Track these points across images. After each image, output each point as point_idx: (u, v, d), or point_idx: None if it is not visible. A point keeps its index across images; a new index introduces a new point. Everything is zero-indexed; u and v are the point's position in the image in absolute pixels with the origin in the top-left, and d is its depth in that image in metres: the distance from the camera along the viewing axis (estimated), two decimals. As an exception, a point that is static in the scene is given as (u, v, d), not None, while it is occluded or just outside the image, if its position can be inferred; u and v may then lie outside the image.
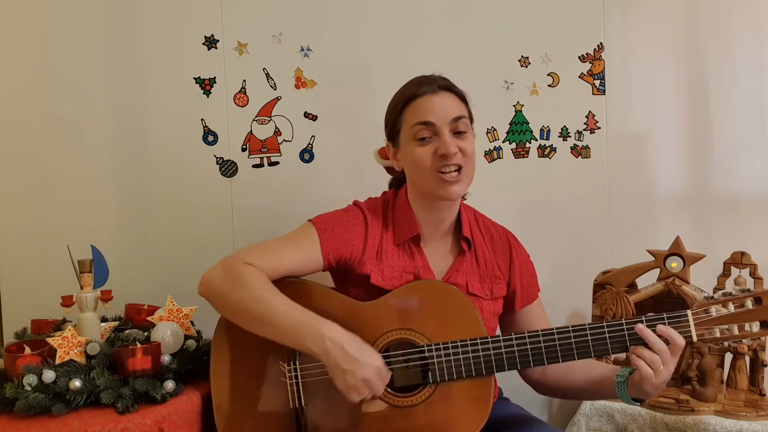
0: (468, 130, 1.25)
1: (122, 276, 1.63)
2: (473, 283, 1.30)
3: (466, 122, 1.25)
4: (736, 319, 1.15)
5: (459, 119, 1.23)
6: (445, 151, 1.20)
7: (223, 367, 1.21)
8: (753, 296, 1.15)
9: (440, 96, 1.24)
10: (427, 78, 1.27)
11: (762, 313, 1.14)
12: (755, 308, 1.14)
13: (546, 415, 1.88)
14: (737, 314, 1.15)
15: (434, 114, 1.22)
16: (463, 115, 1.24)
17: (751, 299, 1.15)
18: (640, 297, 1.64)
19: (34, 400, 1.09)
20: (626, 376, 1.18)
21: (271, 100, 1.78)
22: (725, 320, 1.15)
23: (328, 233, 1.25)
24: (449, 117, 1.22)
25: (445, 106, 1.23)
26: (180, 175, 1.76)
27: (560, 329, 1.18)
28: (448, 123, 1.22)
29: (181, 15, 1.74)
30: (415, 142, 1.23)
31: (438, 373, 1.17)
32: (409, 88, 1.27)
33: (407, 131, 1.25)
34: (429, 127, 1.22)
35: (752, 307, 1.15)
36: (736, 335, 1.15)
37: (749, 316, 1.15)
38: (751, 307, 1.15)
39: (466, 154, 1.22)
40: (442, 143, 1.20)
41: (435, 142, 1.22)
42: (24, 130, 1.72)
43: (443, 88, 1.25)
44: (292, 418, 1.18)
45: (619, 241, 1.87)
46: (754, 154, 1.85)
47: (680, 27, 1.86)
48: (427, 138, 1.22)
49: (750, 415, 1.45)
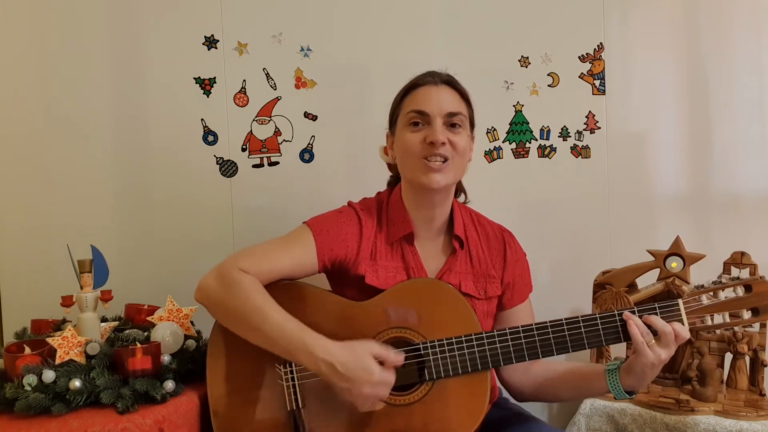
0: (463, 127, 1.25)
1: (122, 276, 1.63)
2: (467, 282, 1.30)
3: (462, 119, 1.25)
4: (727, 306, 1.17)
5: (454, 115, 1.23)
6: (432, 138, 1.20)
7: (219, 370, 1.21)
8: (743, 284, 1.17)
9: (440, 89, 1.25)
10: (434, 72, 1.29)
11: (752, 301, 1.16)
12: (746, 296, 1.16)
13: (546, 415, 1.88)
14: (728, 302, 1.16)
15: (430, 104, 1.23)
16: (460, 112, 1.25)
17: (742, 287, 1.16)
18: (640, 297, 1.64)
19: (34, 400, 1.09)
20: (618, 365, 1.19)
21: (271, 100, 1.78)
22: (716, 308, 1.16)
23: (323, 235, 1.25)
24: (445, 110, 1.23)
25: (442, 99, 1.24)
26: (180, 175, 1.76)
27: (553, 322, 1.18)
28: (442, 115, 1.23)
29: (181, 15, 1.74)
30: (408, 128, 1.25)
31: (434, 370, 1.18)
32: (415, 78, 1.29)
33: (403, 117, 1.26)
34: (423, 116, 1.23)
35: (743, 294, 1.16)
36: (727, 323, 1.16)
37: (740, 303, 1.16)
38: (741, 295, 1.16)
39: (455, 147, 1.23)
40: (432, 131, 1.21)
41: (426, 130, 1.23)
42: (24, 131, 1.73)
43: (446, 82, 1.27)
44: (290, 420, 1.19)
45: (619, 241, 1.87)
46: (754, 154, 1.85)
47: (680, 27, 1.86)
48: (420, 125, 1.23)
49: (750, 415, 1.44)
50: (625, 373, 1.18)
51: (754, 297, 1.15)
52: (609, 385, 1.20)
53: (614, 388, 1.19)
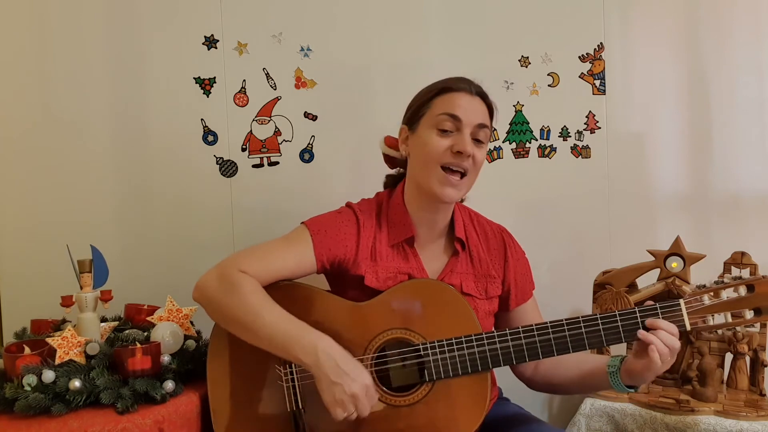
0: (485, 142, 1.27)
1: (122, 276, 1.63)
2: (468, 282, 1.30)
3: (487, 134, 1.26)
4: (729, 306, 1.16)
5: (483, 127, 1.24)
6: (461, 148, 1.20)
7: (220, 371, 1.21)
8: (745, 283, 1.16)
9: (475, 99, 1.26)
10: (467, 79, 1.29)
11: (755, 300, 1.15)
12: (748, 296, 1.15)
13: (546, 415, 1.88)
14: (730, 302, 1.16)
15: (464, 111, 1.23)
16: (487, 125, 1.26)
17: (744, 287, 1.16)
18: (640, 297, 1.64)
19: (33, 401, 1.09)
20: (617, 366, 1.20)
21: (271, 100, 1.78)
22: (718, 308, 1.16)
23: (321, 235, 1.25)
24: (475, 121, 1.23)
25: (476, 109, 1.25)
26: (180, 175, 1.76)
27: (554, 323, 1.18)
28: (472, 125, 1.23)
29: (181, 15, 1.74)
30: (436, 131, 1.24)
31: (434, 371, 1.17)
32: (448, 80, 1.29)
33: (431, 118, 1.25)
34: (455, 121, 1.23)
35: (745, 294, 1.15)
36: (730, 323, 1.15)
37: (742, 303, 1.15)
38: (743, 295, 1.15)
39: (475, 162, 1.24)
40: (461, 140, 1.21)
41: (454, 137, 1.23)
42: (24, 131, 1.73)
43: (480, 94, 1.27)
44: (290, 420, 1.18)
45: (619, 241, 1.87)
46: (754, 154, 1.85)
47: (680, 27, 1.85)
48: (449, 131, 1.23)
49: (750, 416, 1.44)
50: (626, 375, 1.18)
51: (757, 297, 1.15)
52: (611, 382, 1.21)
53: (616, 385, 1.20)
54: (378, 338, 1.20)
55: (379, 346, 1.20)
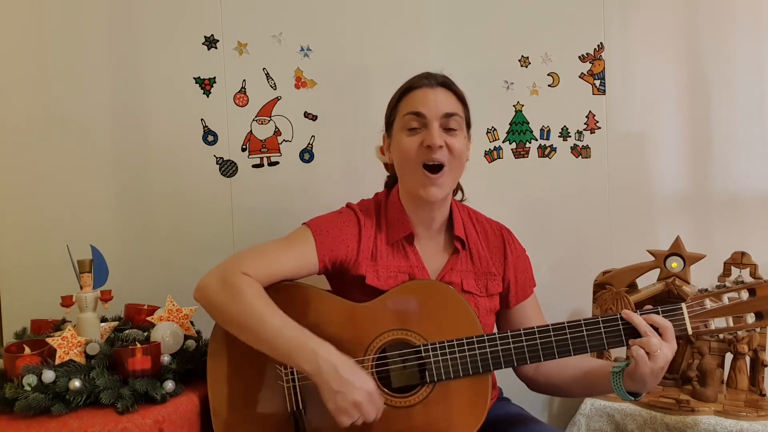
0: (459, 129, 1.25)
1: (122, 276, 1.63)
2: (468, 280, 1.30)
3: (459, 121, 1.25)
4: (731, 311, 1.15)
5: (451, 116, 1.23)
6: (429, 141, 1.20)
7: (220, 371, 1.21)
8: (747, 288, 1.15)
9: (437, 91, 1.25)
10: (429, 73, 1.28)
11: (756, 305, 1.14)
12: (749, 300, 1.14)
13: (546, 415, 1.88)
14: (732, 306, 1.15)
15: (426, 106, 1.23)
16: (456, 113, 1.24)
17: (746, 291, 1.15)
18: (640, 297, 1.64)
19: (33, 401, 1.09)
20: (622, 368, 1.18)
21: (271, 100, 1.78)
22: (720, 312, 1.15)
23: (323, 235, 1.25)
24: (441, 112, 1.23)
25: (439, 101, 1.24)
26: (180, 175, 1.76)
27: (555, 325, 1.18)
28: (438, 117, 1.22)
29: (181, 15, 1.74)
30: (405, 132, 1.24)
31: (435, 372, 1.17)
32: (410, 80, 1.29)
33: (399, 120, 1.26)
34: (419, 118, 1.23)
35: (747, 298, 1.15)
36: (731, 327, 1.15)
37: (744, 307, 1.15)
38: (745, 299, 1.15)
39: (452, 151, 1.23)
40: (429, 134, 1.21)
41: (423, 134, 1.23)
42: (24, 131, 1.72)
43: (442, 84, 1.26)
44: (290, 421, 1.18)
45: (619, 241, 1.87)
46: (754, 154, 1.85)
47: (680, 27, 1.85)
48: (417, 129, 1.23)
49: (750, 416, 1.44)
50: (628, 379, 1.17)
51: (759, 301, 1.14)
52: (613, 387, 1.19)
53: (619, 390, 1.19)
54: (379, 339, 1.20)
55: (380, 347, 1.20)
